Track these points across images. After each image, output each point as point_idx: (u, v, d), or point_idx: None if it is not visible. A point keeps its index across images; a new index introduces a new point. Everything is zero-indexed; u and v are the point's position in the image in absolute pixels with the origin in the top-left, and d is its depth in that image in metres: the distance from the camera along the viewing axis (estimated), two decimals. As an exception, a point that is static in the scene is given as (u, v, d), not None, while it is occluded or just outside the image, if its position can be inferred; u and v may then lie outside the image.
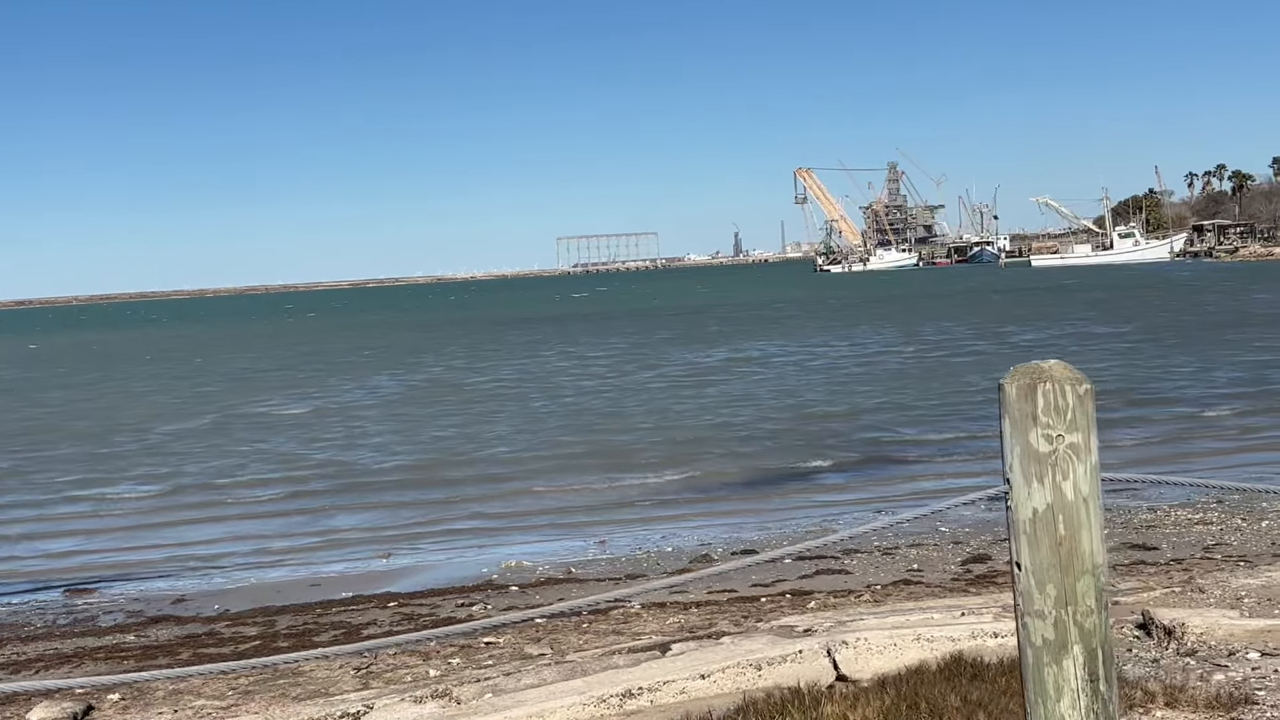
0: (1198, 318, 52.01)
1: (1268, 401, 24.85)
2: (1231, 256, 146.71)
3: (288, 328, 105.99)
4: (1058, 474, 3.40)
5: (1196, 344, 39.19)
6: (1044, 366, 3.45)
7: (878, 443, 22.44)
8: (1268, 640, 8.68)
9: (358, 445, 25.94)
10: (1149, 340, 42.11)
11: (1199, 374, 30.81)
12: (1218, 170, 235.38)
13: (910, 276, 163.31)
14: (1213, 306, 59.63)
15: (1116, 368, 33.09)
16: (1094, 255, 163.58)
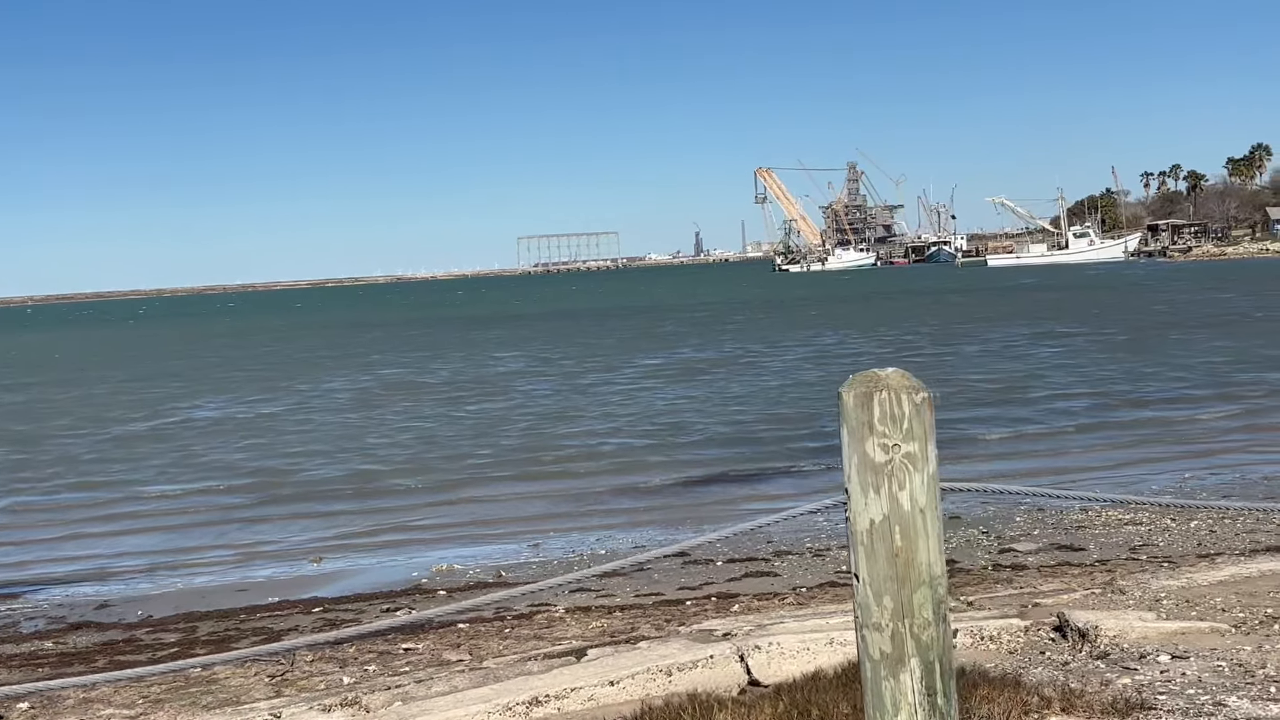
0: (1140, 317, 52.41)
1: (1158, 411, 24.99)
2: (1185, 256, 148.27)
3: (241, 328, 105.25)
4: (894, 484, 3.34)
5: (1135, 345, 39.45)
6: (881, 375, 3.39)
7: (816, 450, 22.41)
8: (1179, 643, 8.68)
9: (292, 450, 25.68)
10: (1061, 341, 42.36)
11: (1120, 378, 31.00)
12: (1173, 170, 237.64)
13: (867, 276, 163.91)
14: (1162, 307, 60.11)
15: (1006, 370, 33.25)
16: (1049, 255, 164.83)
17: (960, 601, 11.21)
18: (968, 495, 17.19)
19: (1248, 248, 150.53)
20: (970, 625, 9.29)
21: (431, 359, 51.34)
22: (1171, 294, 72.85)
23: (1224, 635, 8.84)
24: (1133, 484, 17.24)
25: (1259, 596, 9.92)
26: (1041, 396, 27.62)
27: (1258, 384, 27.78)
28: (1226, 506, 7.81)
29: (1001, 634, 9.12)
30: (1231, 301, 61.73)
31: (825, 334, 54.07)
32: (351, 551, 16.15)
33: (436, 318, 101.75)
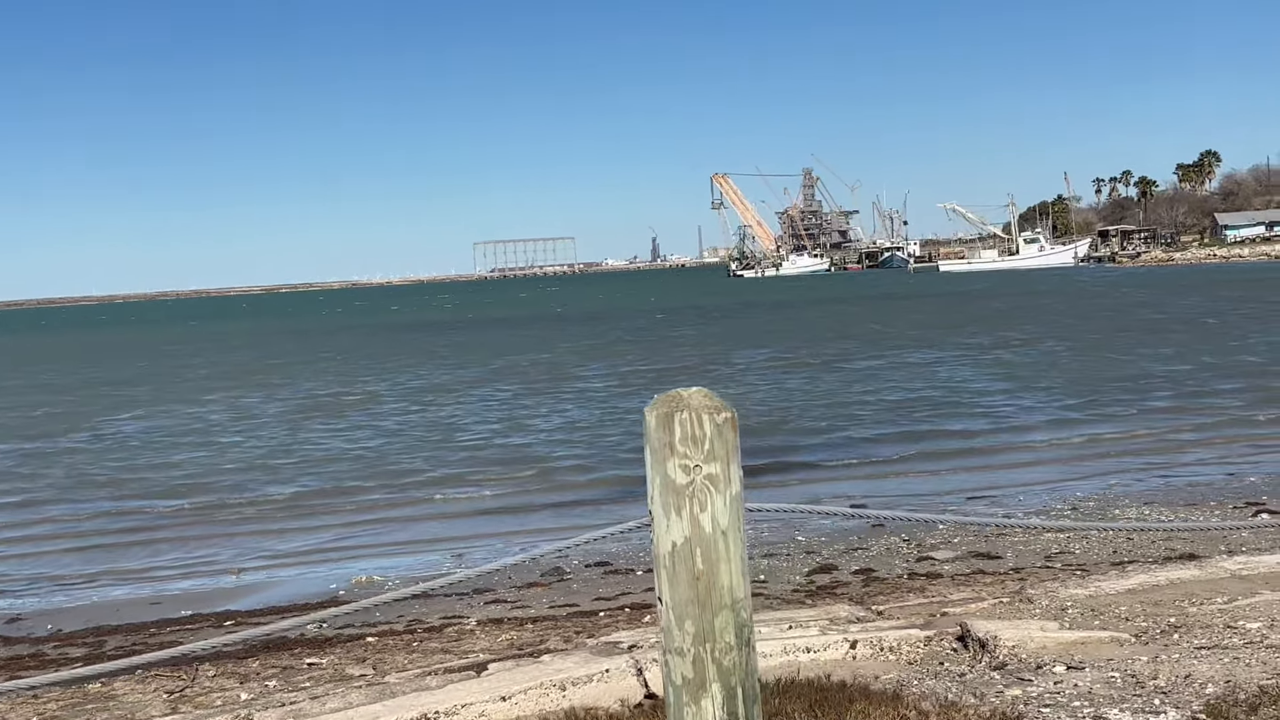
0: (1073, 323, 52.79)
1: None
2: (1133, 261, 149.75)
3: (190, 334, 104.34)
4: (695, 506, 3.27)
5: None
6: (683, 395, 3.31)
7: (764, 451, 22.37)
8: (1076, 653, 8.67)
9: (216, 460, 25.38)
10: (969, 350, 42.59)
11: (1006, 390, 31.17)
12: (1124, 177, 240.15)
13: (820, 282, 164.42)
14: (1081, 312, 60.53)
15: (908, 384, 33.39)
16: (1000, 260, 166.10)
17: (870, 611, 11.18)
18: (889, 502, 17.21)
19: (1195, 253, 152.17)
20: (872, 636, 9.25)
21: (364, 369, 51.00)
22: (1109, 299, 73.48)
23: (1123, 645, 8.83)
24: (1056, 492, 17.28)
25: (1164, 605, 9.93)
26: (974, 405, 27.75)
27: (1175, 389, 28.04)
28: (1038, 525, 7.79)
29: (901, 644, 9.08)
30: (1159, 307, 62.34)
31: (752, 348, 54.15)
32: (273, 564, 15.96)
33: (362, 325, 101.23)
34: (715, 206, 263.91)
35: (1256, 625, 9.01)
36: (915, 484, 18.60)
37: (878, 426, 24.72)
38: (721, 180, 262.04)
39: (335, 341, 75.36)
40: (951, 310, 71.46)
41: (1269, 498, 15.81)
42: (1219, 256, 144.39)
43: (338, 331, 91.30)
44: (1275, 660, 7.92)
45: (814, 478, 19.73)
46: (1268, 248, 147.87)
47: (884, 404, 28.28)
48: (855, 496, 17.73)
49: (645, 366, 43.09)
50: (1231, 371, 31.04)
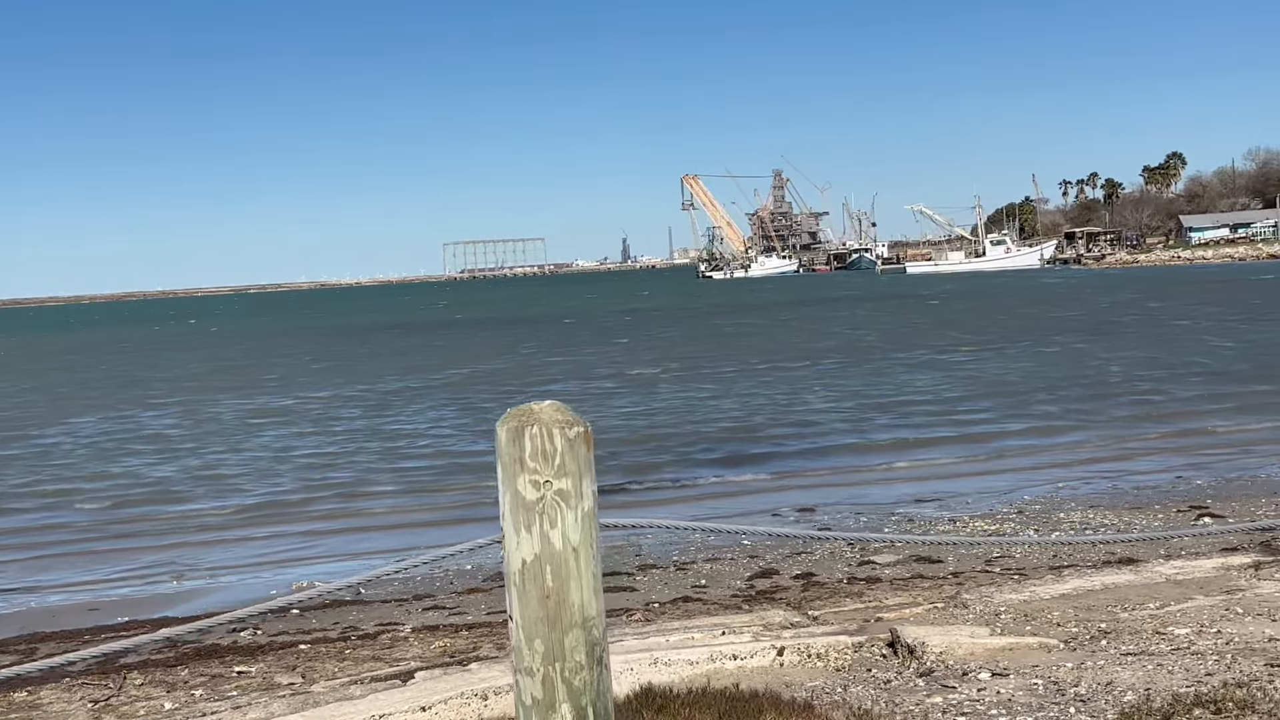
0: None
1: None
2: (1098, 263, 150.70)
3: (150, 336, 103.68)
4: (545, 522, 3.20)
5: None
6: (534, 409, 3.24)
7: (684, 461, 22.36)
8: (1002, 659, 8.65)
9: (164, 464, 25.14)
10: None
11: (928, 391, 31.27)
12: (1091, 179, 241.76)
13: (788, 283, 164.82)
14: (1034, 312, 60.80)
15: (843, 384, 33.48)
16: (966, 262, 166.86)
17: (806, 616, 11.14)
18: (840, 508, 17.20)
19: (1159, 255, 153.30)
20: (801, 642, 9.21)
21: (327, 373, 50.75)
22: (1066, 300, 73.87)
23: (1050, 651, 8.82)
24: (1004, 494, 17.30)
25: (1096, 611, 9.93)
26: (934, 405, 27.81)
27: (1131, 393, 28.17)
28: (869, 538, 7.73)
29: (829, 651, 9.04)
30: (1111, 308, 62.70)
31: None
32: (214, 568, 15.81)
33: (300, 328, 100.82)
34: (685, 207, 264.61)
35: (1185, 631, 9.01)
36: (868, 491, 18.59)
37: (832, 434, 24.73)
38: (692, 181, 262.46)
39: (311, 344, 75.01)
40: (903, 315, 71.68)
41: (1214, 501, 15.86)
42: (1183, 258, 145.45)
43: (303, 333, 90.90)
44: (1198, 667, 7.91)
45: (766, 486, 19.71)
46: (1231, 250, 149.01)
47: (833, 411, 28.30)
48: (807, 503, 17.72)
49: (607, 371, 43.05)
50: (1186, 374, 31.20)
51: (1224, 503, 15.68)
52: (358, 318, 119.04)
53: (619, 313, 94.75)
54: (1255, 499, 15.84)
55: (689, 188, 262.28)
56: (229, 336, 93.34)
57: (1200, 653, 8.34)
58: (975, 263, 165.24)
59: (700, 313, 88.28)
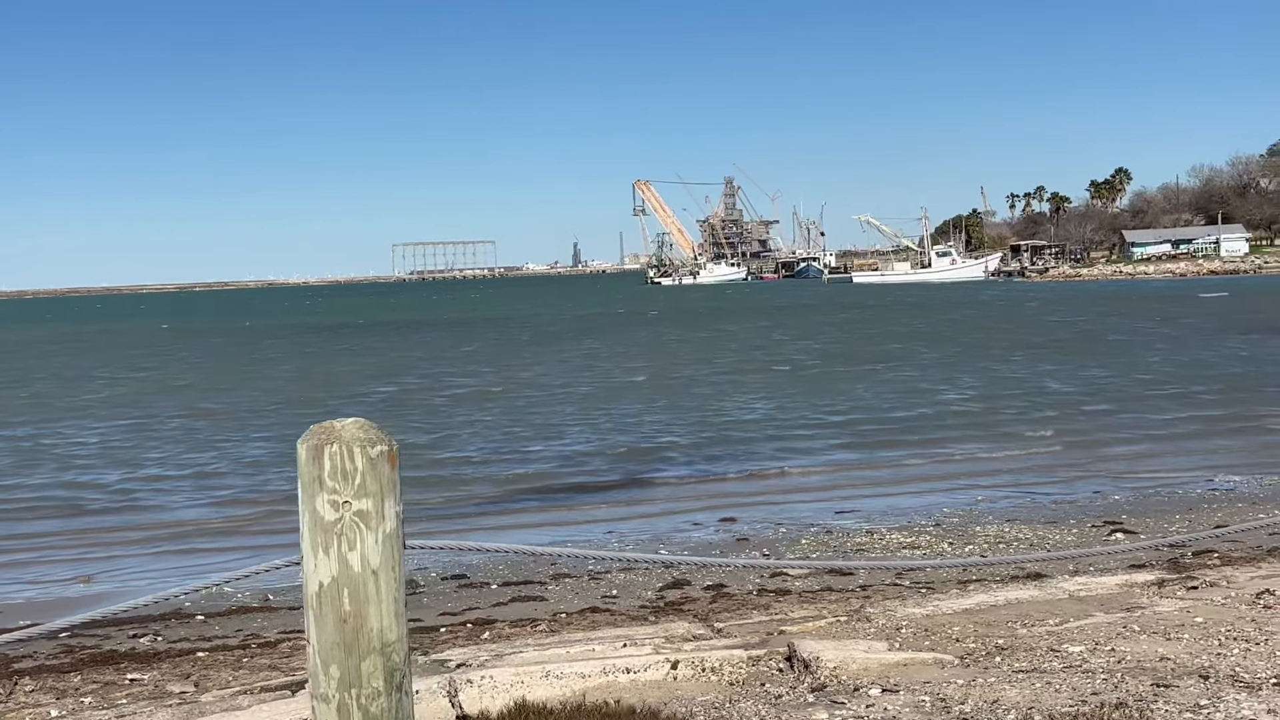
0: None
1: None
2: (1041, 276, 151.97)
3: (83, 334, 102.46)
4: (344, 544, 3.10)
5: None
6: (336, 426, 3.15)
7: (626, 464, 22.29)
8: (895, 675, 8.61)
9: (75, 468, 24.75)
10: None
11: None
12: (1038, 192, 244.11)
13: (734, 290, 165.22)
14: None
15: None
16: (912, 273, 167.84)
17: (710, 629, 11.09)
18: (763, 514, 17.17)
19: (1102, 269, 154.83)
20: (696, 656, 9.14)
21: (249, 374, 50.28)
22: (1007, 314, 74.47)
23: (944, 667, 8.80)
24: (925, 507, 17.34)
25: (996, 626, 9.94)
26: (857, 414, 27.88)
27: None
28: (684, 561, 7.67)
29: (724, 665, 8.97)
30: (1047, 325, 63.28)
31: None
32: (128, 570, 15.57)
33: (201, 330, 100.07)
34: (637, 213, 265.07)
35: (1079, 649, 9.02)
36: (792, 504, 18.58)
37: (752, 445, 24.74)
38: (644, 187, 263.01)
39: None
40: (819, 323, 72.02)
41: (1128, 516, 15.96)
42: (1124, 273, 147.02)
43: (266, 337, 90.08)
44: (1085, 686, 7.91)
45: (690, 496, 19.67)
46: (1172, 265, 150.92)
47: (752, 423, 28.32)
48: (722, 506, 17.71)
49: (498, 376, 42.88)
50: (1112, 391, 31.46)
51: (1139, 519, 15.79)
52: (285, 318, 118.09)
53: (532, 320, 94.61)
54: (1170, 515, 15.96)
55: (641, 193, 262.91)
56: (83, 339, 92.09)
57: (1091, 671, 8.35)
58: (920, 274, 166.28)
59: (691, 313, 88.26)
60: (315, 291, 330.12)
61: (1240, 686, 7.69)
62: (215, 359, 59.18)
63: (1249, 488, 17.94)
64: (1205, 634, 9.14)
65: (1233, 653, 8.55)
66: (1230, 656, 8.45)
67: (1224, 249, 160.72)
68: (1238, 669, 8.12)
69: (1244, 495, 17.34)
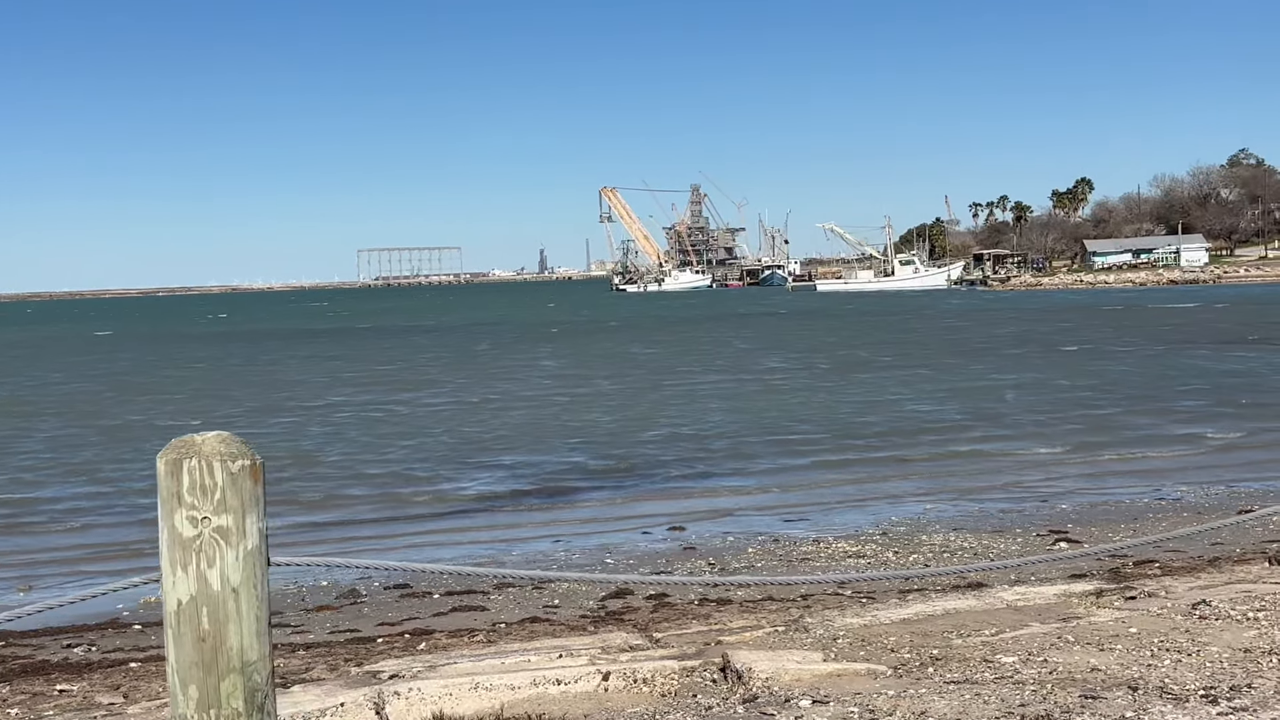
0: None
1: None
2: (1003, 285, 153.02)
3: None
4: (203, 561, 3.02)
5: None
6: (196, 439, 3.06)
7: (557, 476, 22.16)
8: (826, 686, 8.56)
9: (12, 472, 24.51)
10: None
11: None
12: (1001, 201, 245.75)
13: (698, 297, 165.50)
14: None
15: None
16: (875, 281, 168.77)
17: (648, 639, 11.01)
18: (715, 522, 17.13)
19: (1063, 278, 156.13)
20: (629, 667, 9.08)
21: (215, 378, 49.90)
22: (966, 324, 74.82)
23: (877, 678, 8.75)
24: (874, 515, 17.35)
25: (932, 636, 9.90)
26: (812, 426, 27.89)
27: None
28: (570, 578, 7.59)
29: (656, 676, 8.91)
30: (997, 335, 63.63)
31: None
32: (70, 579, 15.39)
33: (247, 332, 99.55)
34: (603, 220, 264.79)
35: (1012, 659, 8.99)
36: (743, 510, 18.55)
37: (706, 453, 24.72)
38: (610, 194, 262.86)
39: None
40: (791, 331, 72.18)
41: (1074, 526, 16.00)
42: (1085, 282, 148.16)
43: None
44: (1013, 697, 7.88)
45: (639, 504, 19.62)
46: (1132, 275, 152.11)
47: (707, 433, 28.31)
48: (673, 515, 17.70)
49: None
50: (1065, 400, 31.59)
51: (1084, 528, 15.83)
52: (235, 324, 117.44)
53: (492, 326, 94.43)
54: (1116, 525, 16.00)
55: (607, 200, 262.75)
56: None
57: (1021, 682, 8.32)
58: (884, 282, 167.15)
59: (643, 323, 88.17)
60: (278, 296, 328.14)
61: (1168, 698, 7.68)
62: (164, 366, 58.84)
63: (1195, 498, 18.03)
64: (1138, 645, 9.14)
65: (1164, 664, 8.53)
66: (1161, 668, 8.44)
67: (1184, 259, 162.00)
68: (1167, 680, 8.10)
69: (1190, 505, 17.42)
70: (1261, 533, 14.71)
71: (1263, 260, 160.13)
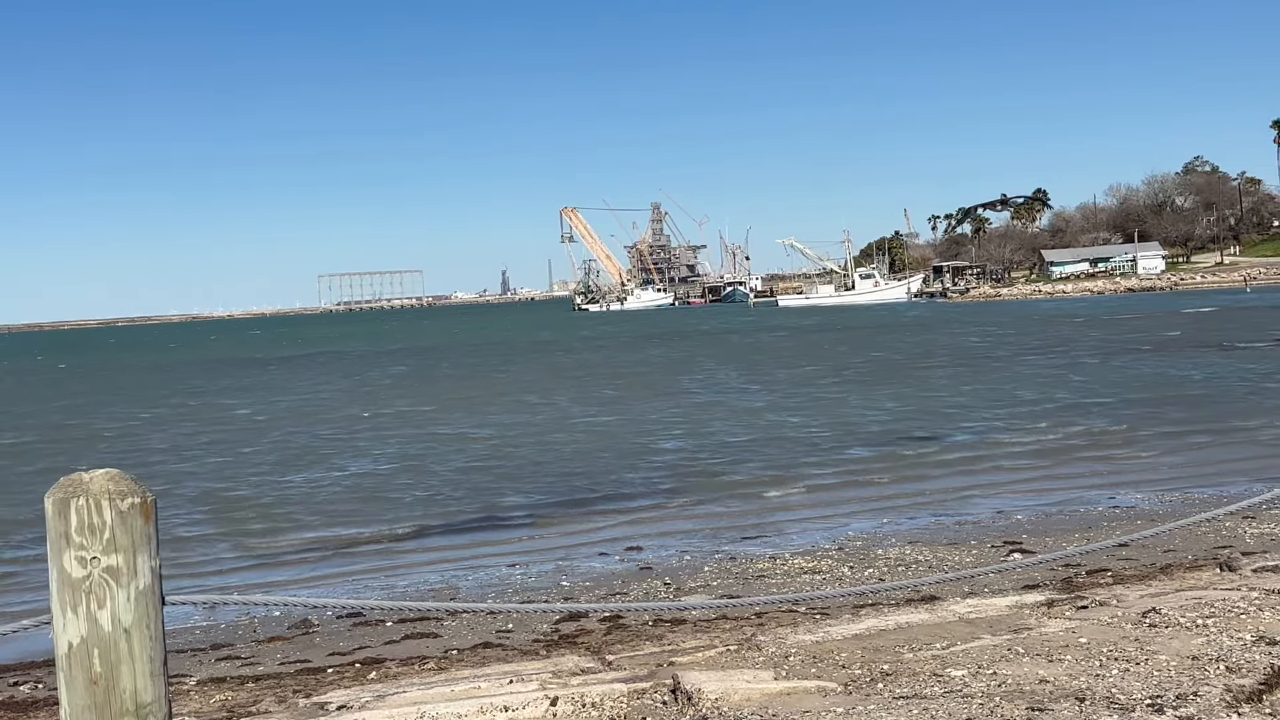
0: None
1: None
2: (963, 297, 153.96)
3: None
4: (93, 602, 2.95)
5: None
6: (84, 478, 3.00)
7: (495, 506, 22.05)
8: (776, 705, 8.52)
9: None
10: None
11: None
12: (959, 213, 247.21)
13: (660, 316, 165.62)
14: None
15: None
16: (836, 295, 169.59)
17: (601, 662, 10.95)
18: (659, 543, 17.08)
19: (1021, 288, 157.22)
20: (578, 691, 9.01)
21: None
22: (916, 334, 75.19)
23: (827, 695, 8.72)
24: (829, 530, 17.35)
25: (883, 652, 9.87)
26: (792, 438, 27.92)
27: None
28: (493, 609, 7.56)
29: (605, 700, 8.85)
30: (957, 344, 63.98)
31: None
32: (27, 614, 15.16)
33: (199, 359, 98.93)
34: (565, 240, 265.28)
35: (961, 673, 8.98)
36: (700, 528, 18.52)
37: (665, 471, 24.69)
38: (571, 214, 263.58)
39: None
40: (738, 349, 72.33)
41: (1028, 536, 16.03)
42: (1044, 292, 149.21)
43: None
44: (961, 711, 7.86)
45: (591, 523, 19.56)
46: (1090, 283, 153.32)
47: (667, 449, 28.29)
48: (631, 535, 17.66)
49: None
50: (1025, 410, 31.73)
51: (1038, 538, 15.86)
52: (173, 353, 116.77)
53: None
54: (1070, 534, 16.04)
55: (568, 220, 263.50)
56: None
57: (969, 695, 8.31)
58: (844, 296, 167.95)
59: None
60: (239, 324, 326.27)
61: (1115, 709, 7.68)
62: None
63: (1150, 505, 18.11)
64: (1088, 655, 9.14)
65: (1112, 673, 8.53)
66: (1109, 677, 8.44)
67: (1141, 266, 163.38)
68: (1114, 690, 8.10)
69: (1144, 513, 17.49)
70: (1214, 539, 14.78)
71: (1219, 266, 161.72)
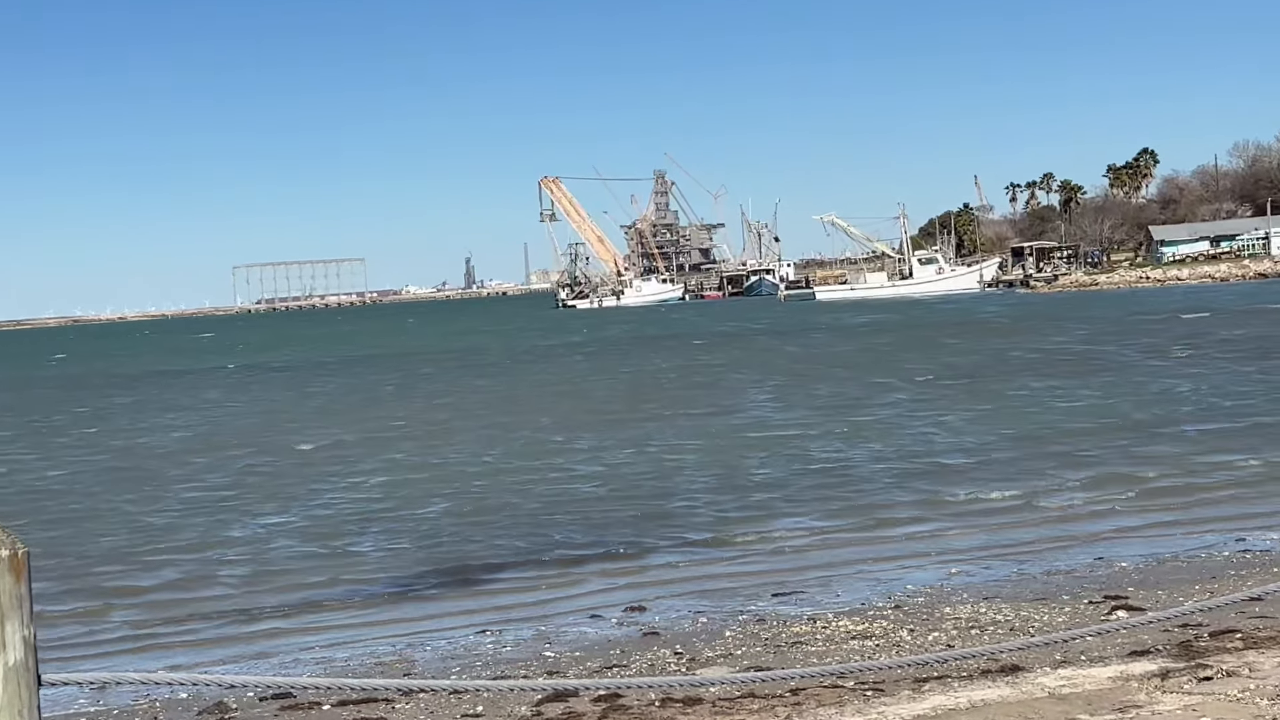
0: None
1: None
2: (1049, 287, 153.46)
3: None
4: (-50, 679, 2.96)
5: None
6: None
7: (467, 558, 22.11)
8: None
9: None
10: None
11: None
12: (1044, 181, 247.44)
13: (667, 314, 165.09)
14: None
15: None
16: (889, 286, 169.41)
17: (595, 753, 10.99)
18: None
19: (1124, 275, 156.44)
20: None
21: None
22: (1003, 337, 75.27)
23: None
24: (882, 584, 17.41)
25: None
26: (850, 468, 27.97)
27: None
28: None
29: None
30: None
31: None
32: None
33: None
34: (545, 218, 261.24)
35: (1053, 765, 9.02)
36: (720, 582, 18.63)
37: (677, 512, 24.75)
38: (552, 185, 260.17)
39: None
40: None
41: (1135, 589, 16.06)
42: (1152, 279, 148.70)
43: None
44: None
45: (585, 576, 19.64)
46: (1210, 268, 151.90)
47: (677, 486, 28.39)
48: (633, 591, 17.77)
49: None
50: (1129, 434, 31.71)
51: (1148, 591, 15.89)
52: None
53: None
54: (1188, 586, 16.06)
55: (549, 193, 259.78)
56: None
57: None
58: (899, 286, 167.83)
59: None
60: (131, 327, 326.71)
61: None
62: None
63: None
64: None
65: (1244, 764, 8.58)
66: (1240, 769, 8.49)
67: (1276, 245, 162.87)
68: (1247, 786, 8.15)
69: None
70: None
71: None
